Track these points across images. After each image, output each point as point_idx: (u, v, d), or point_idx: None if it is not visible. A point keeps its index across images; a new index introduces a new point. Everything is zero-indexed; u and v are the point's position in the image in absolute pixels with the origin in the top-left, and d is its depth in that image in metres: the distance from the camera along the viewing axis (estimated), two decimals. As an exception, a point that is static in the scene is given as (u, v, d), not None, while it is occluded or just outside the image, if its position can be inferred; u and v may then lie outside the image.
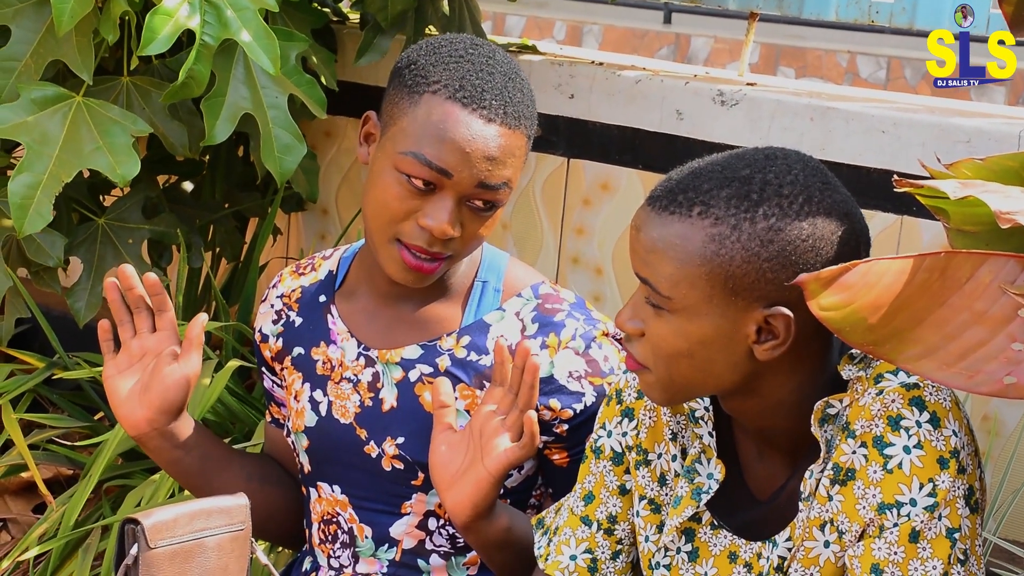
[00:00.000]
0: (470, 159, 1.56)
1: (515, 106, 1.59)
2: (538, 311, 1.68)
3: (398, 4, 2.61)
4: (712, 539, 1.48)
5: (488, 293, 1.70)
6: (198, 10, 2.19)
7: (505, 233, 2.79)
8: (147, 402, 1.67)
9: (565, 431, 1.67)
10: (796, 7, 2.67)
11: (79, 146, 2.27)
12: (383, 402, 1.70)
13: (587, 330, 1.67)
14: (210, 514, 1.58)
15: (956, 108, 2.51)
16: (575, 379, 1.66)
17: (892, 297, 1.23)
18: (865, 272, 1.23)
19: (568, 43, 6.82)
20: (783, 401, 1.40)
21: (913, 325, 1.24)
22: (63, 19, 2.16)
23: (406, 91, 1.59)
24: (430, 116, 1.57)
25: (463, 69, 1.58)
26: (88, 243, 2.61)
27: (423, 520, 1.71)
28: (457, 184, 1.56)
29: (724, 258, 1.34)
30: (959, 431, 1.35)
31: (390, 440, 1.69)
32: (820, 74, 6.36)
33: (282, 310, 1.80)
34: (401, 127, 1.58)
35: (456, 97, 1.57)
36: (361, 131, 1.66)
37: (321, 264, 1.80)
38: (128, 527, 1.56)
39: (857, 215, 1.38)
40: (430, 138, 1.56)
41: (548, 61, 2.75)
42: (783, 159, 1.38)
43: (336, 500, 1.75)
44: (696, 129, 2.53)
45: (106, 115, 2.30)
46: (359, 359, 1.72)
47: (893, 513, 1.34)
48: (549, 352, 1.66)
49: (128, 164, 2.28)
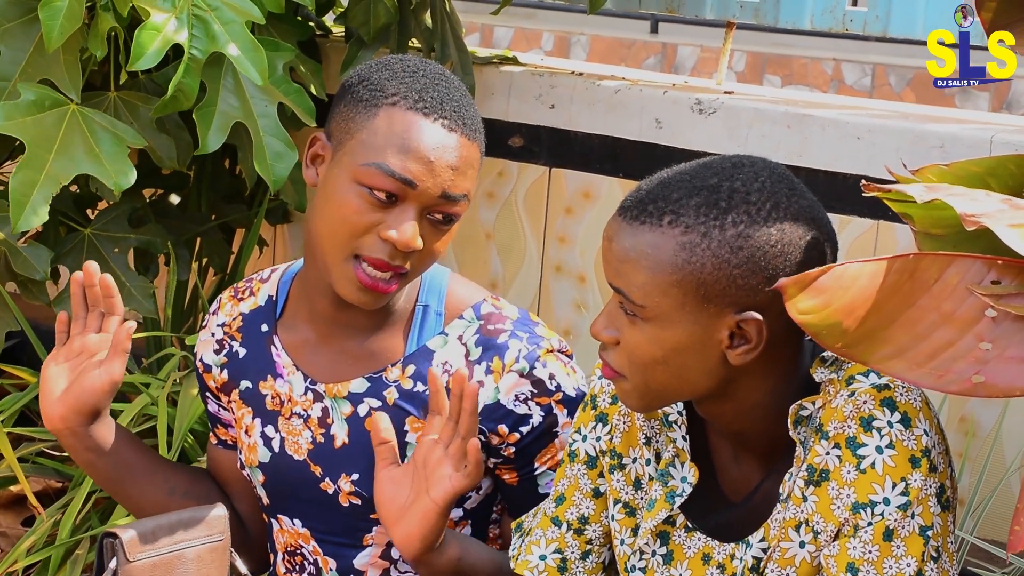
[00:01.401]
0: (434, 168, 1.54)
1: (472, 119, 1.58)
2: (481, 333, 1.65)
3: (381, 18, 2.63)
4: (686, 541, 1.49)
5: (430, 317, 1.67)
6: (186, 24, 2.21)
7: (488, 242, 2.81)
8: (65, 400, 1.64)
9: (513, 453, 1.66)
10: (772, 16, 2.70)
11: (74, 151, 2.29)
12: (335, 438, 1.68)
13: (531, 350, 1.64)
14: (189, 525, 1.58)
15: (930, 114, 2.54)
16: (521, 402, 1.64)
17: (865, 299, 1.25)
18: (839, 275, 1.25)
19: (556, 54, 6.84)
20: (757, 404, 1.42)
21: (884, 326, 1.25)
22: (52, 35, 2.17)
23: (361, 105, 1.56)
24: (391, 127, 1.54)
25: (420, 82, 1.57)
26: (75, 253, 2.62)
27: (386, 550, 1.71)
28: (421, 195, 1.54)
29: (695, 266, 1.36)
30: (930, 430, 1.37)
31: (345, 477, 1.68)
32: (806, 82, 6.39)
33: (223, 339, 1.76)
34: (359, 140, 1.55)
35: (417, 107, 1.55)
36: (308, 152, 1.61)
37: (260, 288, 1.76)
38: (107, 540, 1.56)
39: (824, 219, 1.40)
40: (393, 148, 1.53)
41: (529, 72, 2.78)
42: (750, 166, 1.39)
43: (298, 533, 1.74)
44: (675, 137, 2.56)
45: (101, 124, 2.32)
46: (307, 393, 1.69)
47: (867, 512, 1.36)
48: (494, 377, 1.64)
49: (124, 172, 2.29)
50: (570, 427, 1.64)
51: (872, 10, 2.60)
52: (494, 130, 2.81)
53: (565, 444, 1.65)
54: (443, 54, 2.73)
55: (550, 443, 1.66)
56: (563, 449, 1.64)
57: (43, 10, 2.16)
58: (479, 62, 2.85)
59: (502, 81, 2.79)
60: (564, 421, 1.66)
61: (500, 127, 2.79)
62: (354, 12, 2.63)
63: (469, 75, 2.75)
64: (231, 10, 2.24)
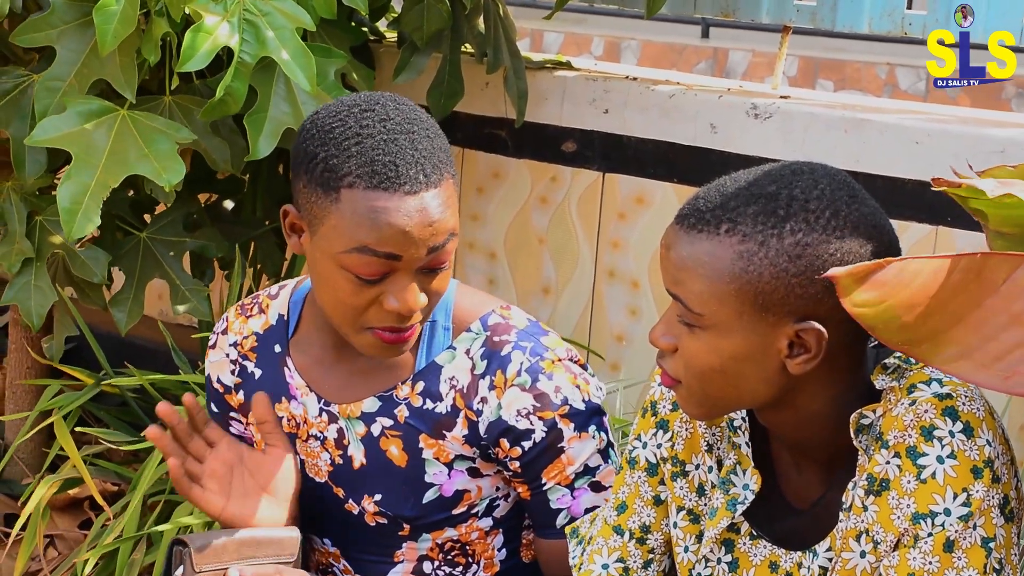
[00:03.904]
0: (413, 237, 1.50)
1: (429, 160, 1.53)
2: (487, 346, 1.63)
3: (434, 23, 2.64)
4: (752, 549, 1.48)
5: (438, 332, 1.66)
6: (237, 29, 2.22)
7: (541, 248, 2.81)
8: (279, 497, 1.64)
9: (519, 468, 1.64)
10: (829, 20, 2.67)
11: (124, 155, 2.31)
12: (352, 459, 1.68)
13: (533, 362, 1.62)
14: (260, 544, 1.57)
15: (990, 118, 2.51)
16: (523, 416, 1.62)
17: (927, 297, 1.23)
18: (900, 270, 1.23)
19: (606, 59, 6.83)
20: (818, 413, 1.41)
21: (949, 326, 1.23)
22: (106, 39, 2.19)
23: (320, 189, 1.52)
24: (356, 211, 1.50)
25: (366, 149, 1.51)
26: (130, 256, 2.65)
27: (417, 565, 1.70)
28: (408, 262, 1.52)
29: (753, 275, 1.35)
30: (993, 440, 1.35)
31: (367, 498, 1.67)
32: (859, 86, 6.34)
33: (237, 360, 1.75)
34: (331, 226, 1.52)
35: (373, 184, 1.50)
36: (284, 224, 1.59)
37: (269, 305, 1.75)
38: (176, 548, 1.57)
39: (886, 227, 1.39)
40: (367, 231, 1.50)
41: (583, 76, 2.77)
42: (809, 174, 1.38)
43: (328, 552, 1.74)
44: (730, 142, 2.54)
45: (151, 125, 2.34)
46: (322, 415, 1.68)
47: (927, 523, 1.35)
48: (496, 393, 1.62)
49: (174, 169, 2.31)
50: (578, 441, 1.63)
51: (931, 13, 2.57)
52: (547, 135, 2.81)
53: (574, 459, 1.63)
54: (496, 59, 2.73)
55: (556, 458, 1.64)
56: (571, 464, 1.63)
57: (97, 14, 2.18)
58: (532, 67, 2.84)
59: (555, 86, 2.79)
60: (571, 436, 1.63)
61: (553, 132, 2.79)
62: (408, 17, 2.63)
63: (522, 80, 2.75)
64: (282, 16, 2.25)
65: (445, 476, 1.66)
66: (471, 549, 1.70)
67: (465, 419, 1.63)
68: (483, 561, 1.71)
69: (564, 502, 1.64)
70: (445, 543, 1.69)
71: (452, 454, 1.65)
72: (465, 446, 1.64)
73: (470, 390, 1.63)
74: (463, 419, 1.63)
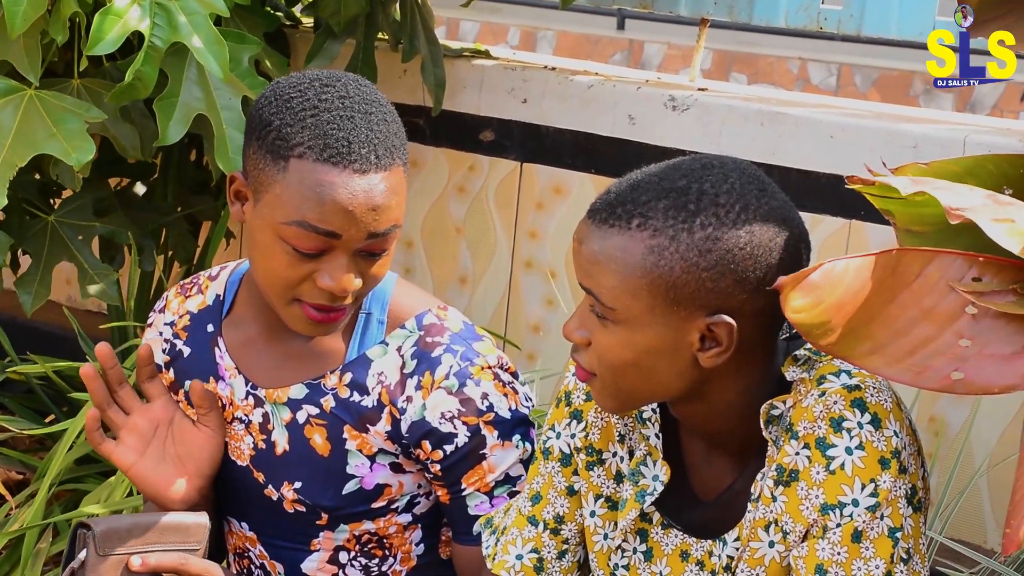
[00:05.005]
0: (355, 217, 1.49)
1: (383, 143, 1.52)
2: (418, 345, 1.62)
3: (351, 8, 2.61)
4: (664, 538, 1.49)
5: (372, 325, 1.64)
6: (148, 13, 2.18)
7: (458, 237, 2.80)
8: (191, 472, 1.64)
9: (439, 471, 1.63)
10: (746, 13, 2.70)
11: (32, 134, 2.26)
12: (276, 445, 1.66)
13: (463, 367, 1.61)
14: (164, 530, 1.56)
15: (903, 114, 2.55)
16: (447, 420, 1.61)
17: (852, 296, 1.24)
18: (827, 272, 1.24)
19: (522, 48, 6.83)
20: (730, 405, 1.42)
21: (865, 322, 1.25)
22: (16, 21, 2.14)
23: (269, 156, 1.52)
24: (303, 182, 1.50)
25: (321, 122, 1.51)
26: (37, 238, 2.60)
27: (333, 555, 1.69)
28: (347, 242, 1.51)
29: (664, 269, 1.35)
30: (900, 431, 1.37)
31: (287, 485, 1.66)
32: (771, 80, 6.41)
33: (169, 339, 1.74)
34: (275, 194, 1.51)
35: (323, 158, 1.49)
36: (230, 191, 1.58)
37: (208, 286, 1.74)
38: (80, 531, 1.55)
39: (796, 220, 1.39)
40: (310, 204, 1.49)
41: (501, 66, 2.76)
42: (719, 168, 1.38)
43: (245, 536, 1.72)
44: (648, 134, 2.55)
45: (59, 104, 2.29)
46: (248, 398, 1.67)
47: (836, 514, 1.36)
48: (422, 393, 1.61)
49: (83, 149, 2.26)
50: (501, 449, 1.62)
51: (847, 8, 2.60)
52: (465, 124, 2.80)
53: (495, 467, 1.63)
54: (412, 47, 2.71)
55: (477, 464, 1.63)
56: (492, 472, 1.63)
57: (6, -5, 2.13)
58: (450, 55, 2.83)
59: (474, 75, 2.78)
60: (494, 443, 1.62)
61: (471, 121, 2.78)
62: (324, 2, 2.61)
63: (440, 68, 2.73)
64: (196, 1, 2.22)
65: (367, 469, 1.64)
66: (388, 543, 1.69)
67: (389, 415, 1.62)
68: (400, 555, 1.70)
69: (482, 509, 1.64)
70: (362, 535, 1.68)
71: (375, 448, 1.64)
72: (388, 442, 1.63)
73: (397, 387, 1.62)
74: (387, 415, 1.62)
